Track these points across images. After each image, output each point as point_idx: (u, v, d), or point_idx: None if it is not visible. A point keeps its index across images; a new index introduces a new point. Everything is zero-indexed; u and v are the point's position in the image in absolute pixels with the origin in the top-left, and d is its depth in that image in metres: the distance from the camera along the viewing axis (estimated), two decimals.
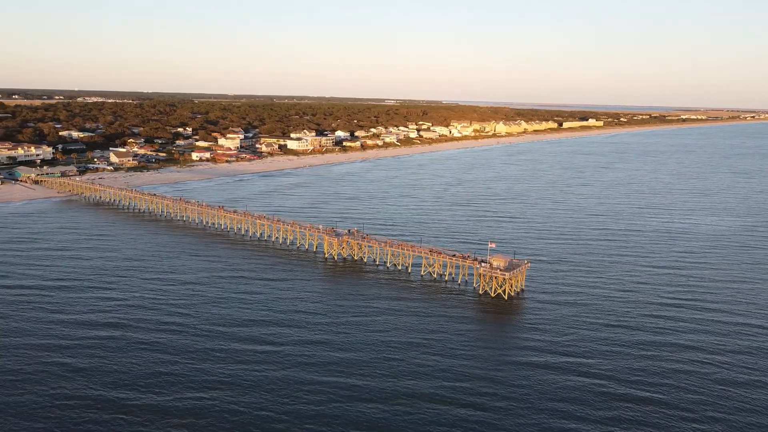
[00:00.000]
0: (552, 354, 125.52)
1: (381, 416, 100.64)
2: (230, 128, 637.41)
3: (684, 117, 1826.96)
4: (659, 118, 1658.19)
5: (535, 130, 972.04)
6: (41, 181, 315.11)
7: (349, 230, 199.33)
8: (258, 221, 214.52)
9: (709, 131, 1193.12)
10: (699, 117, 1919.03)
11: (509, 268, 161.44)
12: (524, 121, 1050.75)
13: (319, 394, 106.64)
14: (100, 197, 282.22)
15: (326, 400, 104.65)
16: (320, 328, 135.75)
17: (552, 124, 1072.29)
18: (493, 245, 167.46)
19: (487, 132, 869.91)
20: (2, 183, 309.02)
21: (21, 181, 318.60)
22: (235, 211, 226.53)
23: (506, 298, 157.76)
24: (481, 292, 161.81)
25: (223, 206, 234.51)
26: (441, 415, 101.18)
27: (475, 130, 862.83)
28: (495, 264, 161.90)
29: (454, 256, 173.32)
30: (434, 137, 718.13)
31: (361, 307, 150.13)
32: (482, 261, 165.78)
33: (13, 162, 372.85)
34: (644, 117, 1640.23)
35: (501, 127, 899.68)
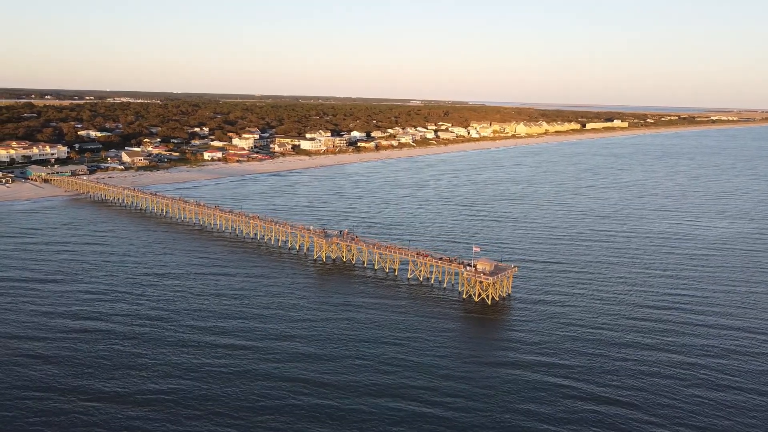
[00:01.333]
0: (523, 357, 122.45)
1: (341, 413, 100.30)
2: (247, 128, 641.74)
3: (714, 118, 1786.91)
4: (688, 119, 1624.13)
5: (556, 131, 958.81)
6: (51, 179, 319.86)
7: (339, 231, 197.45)
8: (251, 221, 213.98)
9: (738, 133, 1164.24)
10: (730, 118, 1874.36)
11: (494, 272, 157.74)
12: (546, 122, 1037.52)
13: (280, 389, 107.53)
14: (104, 196, 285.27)
15: (286, 395, 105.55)
16: (295, 326, 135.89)
17: (574, 125, 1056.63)
18: (478, 249, 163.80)
19: (506, 133, 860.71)
20: (13, 181, 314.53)
21: (31, 179, 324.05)
22: (230, 211, 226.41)
23: (490, 302, 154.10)
24: (465, 296, 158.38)
25: (218, 206, 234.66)
26: (402, 414, 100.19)
27: (494, 131, 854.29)
28: (480, 268, 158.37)
29: (440, 259, 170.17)
30: (451, 138, 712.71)
31: (341, 308, 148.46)
32: (468, 264, 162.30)
33: (28, 161, 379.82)
34: (672, 118, 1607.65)
35: (521, 128, 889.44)
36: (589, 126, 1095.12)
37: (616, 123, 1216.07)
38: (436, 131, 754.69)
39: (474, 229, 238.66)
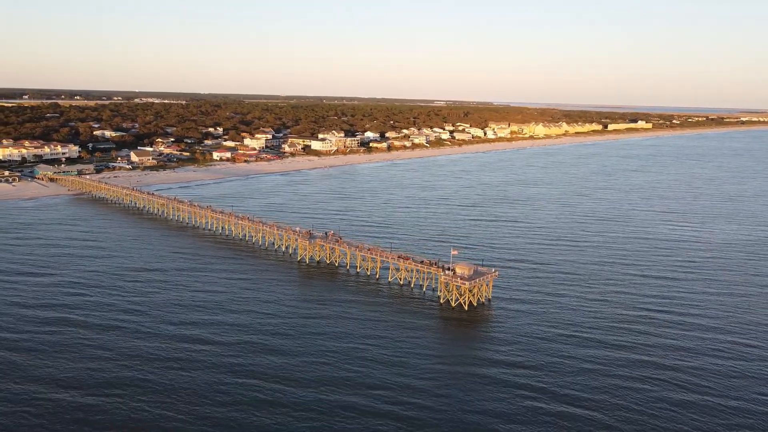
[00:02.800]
0: (488, 359, 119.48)
1: (296, 407, 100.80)
2: (261, 128, 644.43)
3: (744, 119, 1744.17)
4: (716, 120, 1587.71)
5: (576, 132, 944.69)
6: (56, 179, 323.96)
7: (324, 233, 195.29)
8: (240, 222, 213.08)
9: (766, 134, 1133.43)
10: (761, 119, 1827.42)
11: (473, 276, 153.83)
12: (566, 122, 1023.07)
13: (237, 382, 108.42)
14: (104, 195, 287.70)
15: (241, 388, 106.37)
16: (265, 322, 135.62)
17: (595, 126, 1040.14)
18: (456, 252, 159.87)
19: (524, 134, 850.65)
20: (19, 180, 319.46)
21: (38, 178, 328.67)
22: (221, 212, 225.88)
23: (467, 307, 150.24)
24: (442, 300, 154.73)
25: (210, 206, 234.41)
26: (356, 412, 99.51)
27: (512, 132, 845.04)
28: (459, 272, 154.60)
29: (422, 262, 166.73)
30: (466, 139, 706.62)
31: (315, 308, 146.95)
32: (447, 268, 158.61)
33: (39, 160, 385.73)
34: (700, 119, 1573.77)
35: (540, 129, 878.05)
36: (611, 127, 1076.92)
37: (640, 124, 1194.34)
38: (452, 132, 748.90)
39: (468, 231, 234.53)
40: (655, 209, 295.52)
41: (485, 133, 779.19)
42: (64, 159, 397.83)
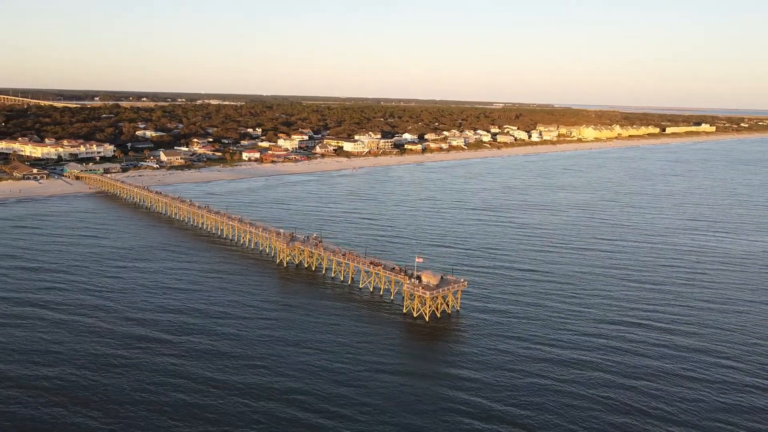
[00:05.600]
0: (430, 378, 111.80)
1: (215, 411, 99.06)
2: (300, 129, 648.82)
3: None
4: None
5: (630, 135, 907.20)
6: (82, 177, 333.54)
7: (305, 236, 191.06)
8: (230, 222, 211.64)
9: None
10: None
11: (439, 285, 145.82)
12: (620, 125, 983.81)
13: (167, 383, 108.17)
14: (118, 193, 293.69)
15: (167, 389, 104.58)
16: (217, 328, 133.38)
17: (652, 129, 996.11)
18: (420, 260, 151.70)
19: (571, 137, 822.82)
20: (45, 178, 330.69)
21: (65, 176, 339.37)
22: (217, 212, 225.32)
23: (427, 318, 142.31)
24: (405, 310, 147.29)
25: (208, 206, 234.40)
26: (277, 417, 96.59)
27: (559, 135, 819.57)
28: (425, 280, 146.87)
29: (392, 269, 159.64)
30: (507, 141, 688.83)
31: (277, 313, 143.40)
32: (412, 276, 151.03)
33: (74, 158, 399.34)
34: None
35: (589, 132, 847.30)
36: (669, 130, 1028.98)
37: (702, 127, 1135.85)
38: (494, 135, 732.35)
39: (469, 235, 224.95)
40: (682, 217, 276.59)
41: (530, 136, 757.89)
42: (98, 158, 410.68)
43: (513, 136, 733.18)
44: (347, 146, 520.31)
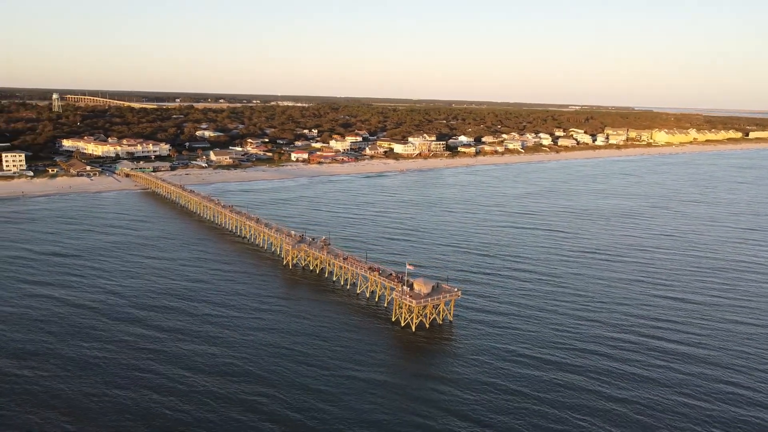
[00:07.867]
0: (405, 393, 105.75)
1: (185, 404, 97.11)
2: (356, 131, 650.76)
3: None
4: None
5: (707, 140, 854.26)
6: (131, 174, 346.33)
7: (313, 238, 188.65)
8: (248, 222, 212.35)
9: None
10: None
11: (430, 294, 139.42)
12: (697, 129, 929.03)
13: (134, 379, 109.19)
14: (159, 191, 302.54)
15: (137, 385, 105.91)
16: (205, 319, 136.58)
17: (733, 134, 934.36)
18: (411, 267, 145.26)
19: (641, 141, 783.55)
20: (97, 175, 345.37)
21: (116, 174, 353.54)
22: (239, 212, 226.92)
23: (414, 329, 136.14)
24: (393, 319, 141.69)
25: (232, 206, 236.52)
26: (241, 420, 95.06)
27: (629, 138, 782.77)
28: (416, 289, 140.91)
29: (389, 275, 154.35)
30: (568, 145, 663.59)
31: (269, 314, 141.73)
32: (405, 284, 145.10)
33: (131, 157, 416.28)
34: None
35: (661, 136, 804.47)
36: (752, 135, 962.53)
37: None
38: (556, 138, 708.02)
39: (494, 242, 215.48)
40: (734, 227, 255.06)
41: (594, 140, 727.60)
42: (153, 156, 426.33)
43: (576, 139, 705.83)
44: (397, 148, 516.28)
